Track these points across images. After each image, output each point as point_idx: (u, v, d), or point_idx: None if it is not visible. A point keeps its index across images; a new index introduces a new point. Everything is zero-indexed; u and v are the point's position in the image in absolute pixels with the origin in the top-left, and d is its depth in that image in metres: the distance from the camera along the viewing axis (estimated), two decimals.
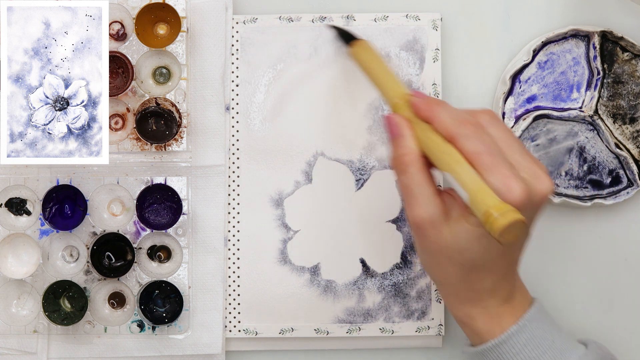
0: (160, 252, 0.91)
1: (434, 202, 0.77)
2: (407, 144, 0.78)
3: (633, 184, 0.92)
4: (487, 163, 0.74)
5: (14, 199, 0.90)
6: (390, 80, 0.84)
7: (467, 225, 0.76)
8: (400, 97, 0.81)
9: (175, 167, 0.91)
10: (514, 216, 0.71)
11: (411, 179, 0.77)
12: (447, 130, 0.76)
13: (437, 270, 0.79)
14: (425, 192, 0.77)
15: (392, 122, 0.79)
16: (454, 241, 0.76)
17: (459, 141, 0.75)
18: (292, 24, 0.92)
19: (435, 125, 0.77)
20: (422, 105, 0.78)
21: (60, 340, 0.91)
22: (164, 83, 0.92)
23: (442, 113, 0.77)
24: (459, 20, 0.93)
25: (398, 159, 0.78)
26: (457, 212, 0.77)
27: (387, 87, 0.83)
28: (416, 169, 0.77)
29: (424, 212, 0.77)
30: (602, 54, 0.92)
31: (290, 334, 0.92)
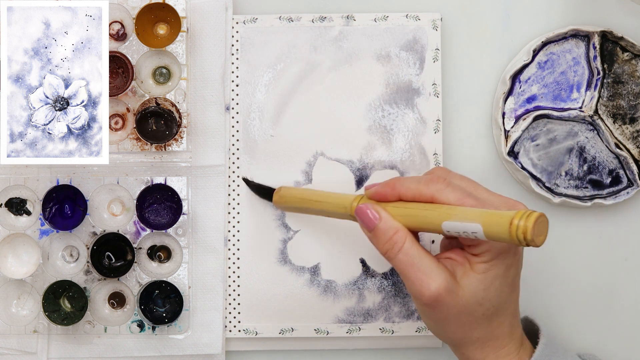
0: (160, 252, 0.91)
1: (441, 269, 0.77)
2: (392, 223, 0.79)
3: (633, 184, 0.92)
4: (473, 204, 0.77)
5: (14, 199, 0.90)
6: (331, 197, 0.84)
7: (477, 276, 0.77)
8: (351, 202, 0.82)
9: (175, 167, 0.91)
10: (535, 214, 0.72)
11: (411, 252, 0.78)
12: (421, 193, 0.78)
13: (460, 331, 0.79)
14: (429, 263, 0.77)
15: (365, 211, 0.80)
16: (472, 296, 0.77)
17: (437, 197, 0.77)
18: (292, 24, 0.92)
19: (404, 197, 0.79)
20: (382, 189, 0.80)
21: (60, 340, 0.91)
22: (164, 83, 0.92)
23: (406, 184, 0.79)
24: (459, 20, 0.93)
25: (388, 241, 0.78)
26: (461, 270, 0.78)
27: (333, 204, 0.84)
28: (411, 243, 0.78)
29: (437, 283, 0.77)
30: (602, 54, 0.92)
31: (290, 334, 0.92)
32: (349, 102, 0.92)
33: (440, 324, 0.79)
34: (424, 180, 0.78)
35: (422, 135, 0.92)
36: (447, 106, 0.93)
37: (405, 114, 0.92)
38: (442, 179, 0.78)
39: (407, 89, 0.92)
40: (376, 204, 0.80)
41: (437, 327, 0.80)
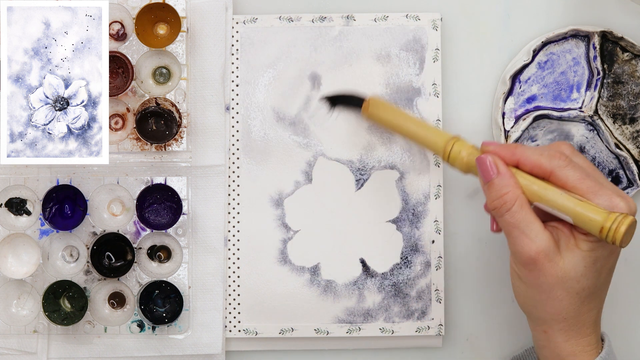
0: (160, 252, 0.91)
1: (545, 235, 0.78)
2: (508, 182, 0.78)
3: (633, 184, 0.92)
4: (591, 186, 0.77)
5: (14, 199, 0.90)
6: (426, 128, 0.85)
7: (581, 252, 0.77)
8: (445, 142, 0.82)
9: (175, 167, 0.91)
10: (628, 220, 0.75)
11: (518, 216, 0.78)
12: (541, 166, 0.78)
13: (551, 305, 0.79)
14: (534, 227, 0.78)
15: (485, 162, 0.80)
16: (571, 269, 0.77)
17: (557, 172, 0.78)
18: (292, 24, 0.92)
19: (523, 167, 0.79)
20: (502, 150, 0.80)
21: (60, 340, 0.91)
22: (164, 83, 0.92)
23: (528, 153, 0.79)
24: (459, 20, 0.93)
25: (499, 199, 0.78)
26: (566, 242, 0.78)
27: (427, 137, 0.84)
28: (521, 205, 0.78)
29: (537, 246, 0.77)
30: (602, 54, 0.92)
31: (290, 334, 0.92)
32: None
33: (534, 292, 0.79)
34: (547, 153, 0.78)
35: None
36: (447, 106, 0.93)
37: None
38: (564, 156, 0.78)
39: (407, 89, 0.92)
40: (499, 158, 0.80)
41: (529, 294, 0.80)
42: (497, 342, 0.94)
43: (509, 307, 0.94)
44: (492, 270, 0.93)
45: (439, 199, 0.92)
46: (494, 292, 0.94)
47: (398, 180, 0.92)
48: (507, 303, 0.94)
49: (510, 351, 0.94)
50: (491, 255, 0.94)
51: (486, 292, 0.94)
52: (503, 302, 0.94)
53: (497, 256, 0.93)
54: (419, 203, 0.92)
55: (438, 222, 0.92)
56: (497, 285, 0.93)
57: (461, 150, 0.82)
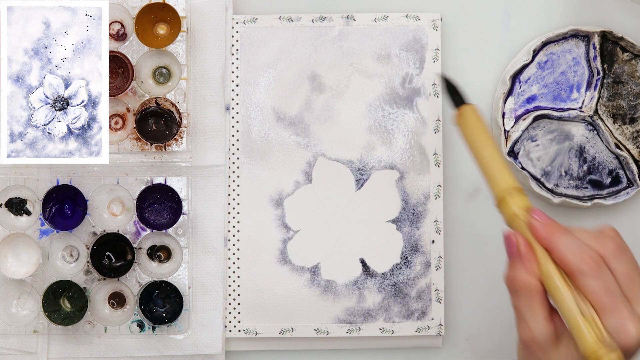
0: (160, 252, 0.91)
1: (545, 327, 0.76)
2: (524, 270, 0.77)
3: (633, 184, 0.92)
4: (606, 304, 0.74)
5: (14, 199, 0.90)
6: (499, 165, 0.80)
7: (575, 355, 0.76)
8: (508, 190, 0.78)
9: (175, 167, 0.91)
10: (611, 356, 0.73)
11: (522, 302, 0.77)
12: (567, 265, 0.75)
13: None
14: (536, 317, 0.76)
15: (512, 242, 0.78)
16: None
17: (578, 279, 0.75)
18: (292, 24, 0.92)
19: (553, 255, 0.76)
20: (542, 231, 0.77)
21: (60, 340, 0.91)
22: (164, 83, 0.92)
23: (563, 244, 0.76)
24: (459, 20, 0.93)
25: (512, 279, 0.77)
26: (568, 338, 0.76)
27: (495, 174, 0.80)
28: (528, 294, 0.76)
29: (533, 335, 0.76)
30: (602, 54, 0.92)
31: (290, 334, 0.92)
32: (349, 102, 0.92)
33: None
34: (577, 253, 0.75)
35: (422, 135, 0.92)
36: (447, 106, 0.93)
37: (405, 114, 0.92)
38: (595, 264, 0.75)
39: (407, 89, 0.92)
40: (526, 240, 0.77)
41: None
42: (497, 342, 0.94)
43: (509, 307, 0.94)
44: (492, 270, 0.93)
45: (439, 199, 0.92)
46: (494, 292, 0.94)
47: (398, 180, 0.92)
48: (507, 303, 0.93)
49: (510, 351, 0.94)
50: (491, 255, 0.94)
51: (486, 292, 0.94)
52: (503, 302, 0.94)
53: (497, 256, 0.93)
54: (419, 203, 0.92)
55: (438, 222, 0.92)
56: (497, 285, 0.93)
57: (512, 205, 0.78)
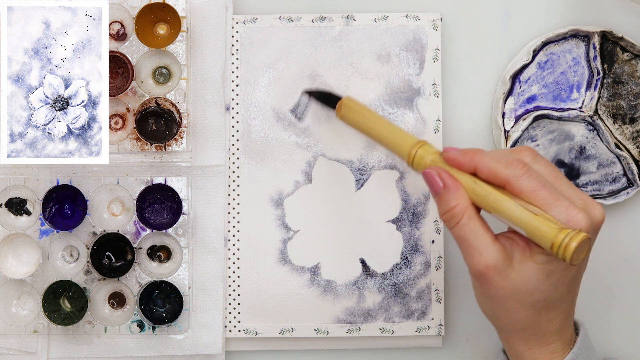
0: (160, 252, 0.91)
1: (495, 248, 0.76)
2: (455, 195, 0.77)
3: (633, 184, 0.92)
4: (547, 197, 0.75)
5: (14, 199, 0.90)
6: (395, 131, 0.83)
7: (534, 265, 0.76)
8: (410, 147, 0.81)
9: (175, 167, 0.91)
10: (580, 236, 0.73)
11: (466, 229, 0.77)
12: (497, 175, 0.76)
13: (506, 316, 0.78)
14: (483, 240, 0.76)
15: (433, 177, 0.78)
16: (523, 282, 0.76)
17: (512, 182, 0.75)
18: (292, 24, 0.92)
19: (480, 174, 0.77)
20: (460, 157, 0.78)
21: (60, 340, 0.91)
22: (164, 83, 0.92)
23: (485, 159, 0.77)
24: (459, 20, 0.93)
25: (448, 213, 0.77)
26: (520, 254, 0.76)
27: (394, 140, 0.83)
28: (469, 218, 0.77)
29: (486, 260, 0.76)
30: (602, 54, 0.92)
31: (290, 334, 0.92)
32: None
33: (489, 302, 0.78)
34: (504, 161, 0.76)
35: (422, 135, 0.92)
36: (447, 106, 0.93)
37: (405, 114, 0.92)
38: (522, 164, 0.76)
39: (407, 89, 0.92)
40: (445, 169, 0.78)
41: (485, 304, 0.79)
42: (497, 342, 0.94)
43: None
44: None
45: None
46: None
47: (398, 180, 0.92)
48: None
49: None
50: None
51: None
52: None
53: None
54: (419, 203, 0.92)
55: (438, 222, 0.92)
56: None
57: (424, 155, 0.80)
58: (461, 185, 0.78)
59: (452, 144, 0.93)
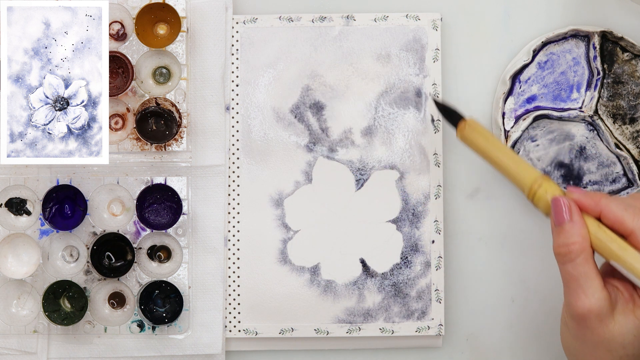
0: (160, 252, 0.91)
1: (602, 294, 0.75)
2: (580, 232, 0.76)
3: (633, 184, 0.92)
4: None
5: (14, 199, 0.90)
6: (518, 163, 0.82)
7: (635, 320, 0.75)
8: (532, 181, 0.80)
9: (175, 167, 0.91)
10: None
11: (579, 269, 0.75)
12: (623, 224, 0.75)
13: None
14: (594, 284, 0.75)
15: (562, 207, 0.77)
16: (620, 335, 0.75)
17: (638, 235, 0.75)
18: (292, 24, 0.92)
19: (605, 220, 0.76)
20: (585, 200, 0.77)
21: (60, 340, 0.91)
22: (164, 83, 0.92)
23: (612, 205, 0.76)
24: (459, 20, 0.93)
25: (565, 247, 0.76)
26: (623, 305, 0.76)
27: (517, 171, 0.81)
28: (585, 259, 0.76)
29: (590, 304, 0.75)
30: (602, 54, 0.92)
31: (290, 334, 0.92)
32: (349, 102, 0.92)
33: (578, 344, 0.77)
34: (631, 211, 0.75)
35: (422, 135, 0.92)
36: None
37: (405, 114, 0.92)
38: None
39: (407, 89, 0.92)
40: (575, 204, 0.77)
41: (573, 344, 0.78)
42: (497, 342, 0.94)
43: (509, 307, 0.94)
44: (492, 270, 0.93)
45: (439, 199, 0.92)
46: (494, 292, 0.94)
47: (398, 180, 0.92)
48: (507, 303, 0.94)
49: (510, 351, 0.94)
50: (491, 255, 0.94)
51: (486, 292, 0.94)
52: (503, 302, 0.94)
53: (497, 256, 0.93)
54: (419, 203, 0.92)
55: (438, 222, 0.92)
56: (497, 285, 0.93)
57: (548, 190, 0.79)
58: (586, 225, 0.76)
59: (453, 144, 0.93)
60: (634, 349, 0.75)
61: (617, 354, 0.76)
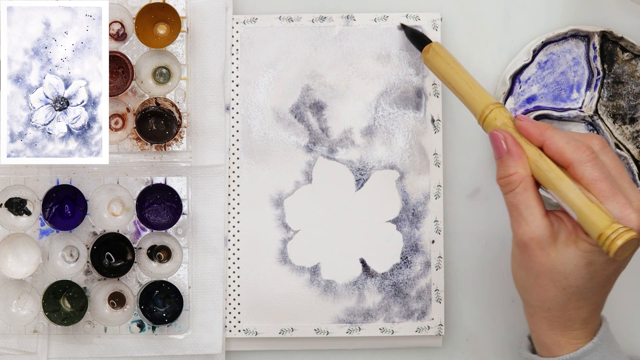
0: (160, 252, 0.91)
1: (543, 222, 0.76)
2: (517, 162, 0.77)
3: None
4: (605, 190, 0.75)
5: (14, 199, 0.90)
6: (475, 87, 0.83)
7: (576, 250, 0.76)
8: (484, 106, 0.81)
9: (175, 167, 0.91)
10: (629, 235, 0.73)
11: (519, 198, 0.77)
12: (564, 155, 0.76)
13: (536, 292, 0.78)
14: (534, 212, 0.77)
15: (499, 139, 0.78)
16: (561, 264, 0.76)
17: (576, 166, 0.76)
18: (292, 24, 0.92)
19: (547, 150, 0.77)
20: (531, 129, 0.78)
21: (60, 340, 0.91)
22: (164, 83, 0.92)
23: (556, 137, 0.77)
24: (459, 20, 0.93)
25: (506, 178, 0.78)
26: (566, 236, 0.77)
27: (471, 96, 0.83)
28: (524, 188, 0.77)
29: (531, 231, 0.76)
30: (602, 54, 0.92)
31: (290, 334, 0.92)
32: (349, 102, 0.92)
33: (523, 273, 0.79)
34: (573, 144, 0.76)
35: (422, 135, 0.92)
36: (447, 106, 0.93)
37: (405, 114, 0.92)
38: (589, 151, 0.76)
39: (407, 89, 0.92)
40: (512, 135, 0.78)
41: (520, 275, 0.79)
42: (497, 342, 0.94)
43: (509, 307, 0.94)
44: (492, 270, 0.93)
45: (439, 199, 0.92)
46: (494, 292, 0.94)
47: (398, 180, 0.92)
48: (507, 303, 0.94)
49: (510, 351, 0.94)
50: (491, 255, 0.94)
51: (486, 292, 0.94)
52: (503, 302, 0.94)
53: (497, 256, 0.93)
54: (419, 203, 0.92)
55: (438, 222, 0.92)
56: (497, 285, 0.93)
57: (497, 117, 0.80)
58: (525, 154, 0.78)
59: (453, 144, 0.93)
60: (576, 280, 0.76)
61: (560, 284, 0.77)
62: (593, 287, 0.77)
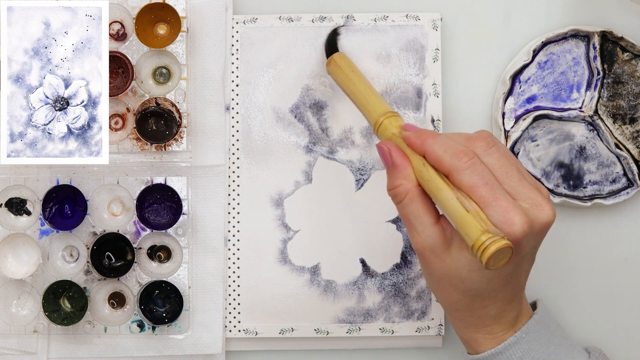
0: (160, 252, 0.91)
1: (433, 230, 0.77)
2: (401, 174, 0.78)
3: (633, 184, 0.92)
4: (485, 196, 0.74)
5: (14, 199, 0.90)
6: (372, 96, 0.84)
7: (468, 256, 0.76)
8: (378, 116, 0.81)
9: (175, 167, 0.91)
10: (500, 243, 0.72)
11: (407, 209, 0.77)
12: (441, 165, 0.76)
13: (442, 295, 0.80)
14: (423, 221, 0.77)
15: (385, 152, 0.79)
16: (456, 269, 0.76)
17: (454, 175, 0.75)
18: (292, 24, 0.92)
19: (428, 159, 0.77)
20: (413, 138, 0.78)
21: (60, 340, 0.91)
22: (164, 83, 0.92)
23: (435, 146, 0.76)
24: (459, 20, 0.93)
25: (393, 190, 0.78)
26: (458, 242, 0.76)
27: (366, 107, 0.83)
28: (410, 200, 0.77)
29: (422, 240, 0.77)
30: (602, 54, 0.92)
31: (290, 334, 0.92)
32: (349, 102, 0.92)
33: (427, 279, 0.80)
34: (451, 151, 0.75)
35: None
36: (447, 106, 0.93)
37: (405, 114, 0.92)
38: (468, 157, 0.75)
39: (407, 89, 0.92)
40: (397, 147, 0.79)
41: (427, 280, 0.81)
42: None
43: None
44: None
45: None
46: None
47: None
48: None
49: None
50: None
51: None
52: None
53: None
54: None
55: None
56: None
57: (388, 127, 0.81)
58: (410, 165, 0.78)
59: None
60: (473, 283, 0.77)
61: (460, 288, 0.77)
62: (494, 287, 0.77)
